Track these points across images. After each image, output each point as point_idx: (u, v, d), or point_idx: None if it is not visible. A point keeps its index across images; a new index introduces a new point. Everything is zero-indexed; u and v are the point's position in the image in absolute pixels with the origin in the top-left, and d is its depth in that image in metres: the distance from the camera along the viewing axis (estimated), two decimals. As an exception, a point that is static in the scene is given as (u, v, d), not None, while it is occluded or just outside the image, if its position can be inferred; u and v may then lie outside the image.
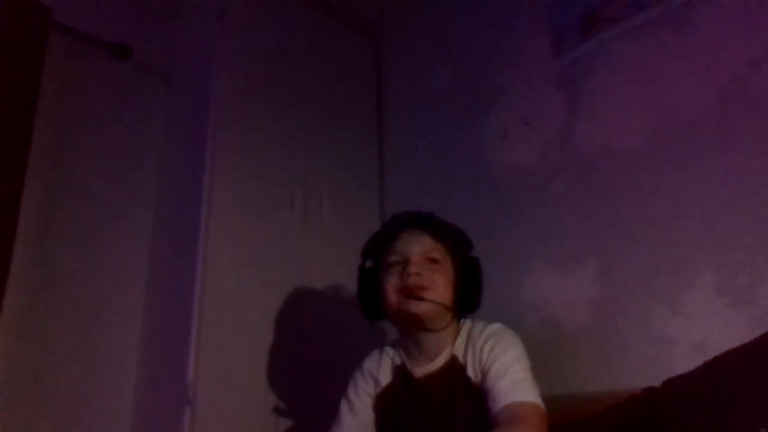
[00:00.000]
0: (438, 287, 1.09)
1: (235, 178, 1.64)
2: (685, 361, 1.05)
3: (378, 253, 1.18)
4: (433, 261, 1.12)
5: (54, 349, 1.55)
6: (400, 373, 1.15)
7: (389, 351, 1.20)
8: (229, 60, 1.72)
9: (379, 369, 1.18)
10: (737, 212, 1.23)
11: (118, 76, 1.81)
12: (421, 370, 1.13)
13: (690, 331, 1.25)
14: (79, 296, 1.62)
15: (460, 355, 1.11)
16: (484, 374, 1.05)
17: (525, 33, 1.74)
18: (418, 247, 1.12)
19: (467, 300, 1.13)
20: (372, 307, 1.17)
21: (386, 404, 1.15)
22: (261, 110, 1.75)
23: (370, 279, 1.18)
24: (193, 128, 1.74)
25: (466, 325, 1.15)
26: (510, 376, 1.01)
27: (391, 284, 1.11)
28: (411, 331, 1.14)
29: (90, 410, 1.57)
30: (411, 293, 1.08)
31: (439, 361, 1.12)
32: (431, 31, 2.08)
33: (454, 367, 1.10)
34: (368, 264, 1.20)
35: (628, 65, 1.48)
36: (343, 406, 1.18)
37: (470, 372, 1.08)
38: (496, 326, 1.12)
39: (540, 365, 1.07)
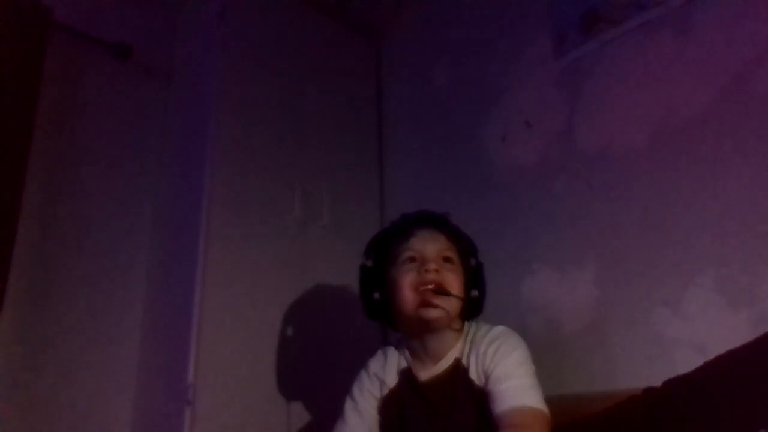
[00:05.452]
0: (454, 286, 1.09)
1: (235, 178, 1.64)
2: (685, 361, 1.05)
3: (386, 251, 1.16)
4: (448, 260, 1.12)
5: (54, 349, 1.55)
6: (405, 376, 1.15)
7: (394, 352, 1.20)
8: (229, 60, 1.72)
9: (385, 371, 1.18)
10: (737, 212, 1.23)
11: (118, 76, 1.81)
12: (426, 373, 1.12)
13: (690, 331, 1.25)
14: (79, 296, 1.61)
15: (464, 357, 1.10)
16: (487, 377, 1.04)
17: (526, 33, 1.74)
18: (435, 245, 1.12)
19: (475, 304, 1.13)
20: (378, 306, 1.15)
21: (391, 407, 1.15)
22: (261, 110, 1.75)
23: (376, 277, 1.16)
24: (193, 128, 1.75)
25: (471, 328, 1.14)
26: (514, 380, 1.00)
27: (408, 281, 1.09)
28: (419, 331, 1.12)
29: (90, 410, 1.57)
30: (438, 289, 1.06)
31: (444, 364, 1.11)
32: (432, 32, 2.08)
33: (458, 370, 1.10)
34: (371, 262, 1.18)
35: (628, 66, 1.48)
36: (348, 406, 1.18)
37: (473, 375, 1.07)
38: (501, 329, 1.11)
39: (540, 365, 1.07)
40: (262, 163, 1.71)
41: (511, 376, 1.01)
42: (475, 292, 1.14)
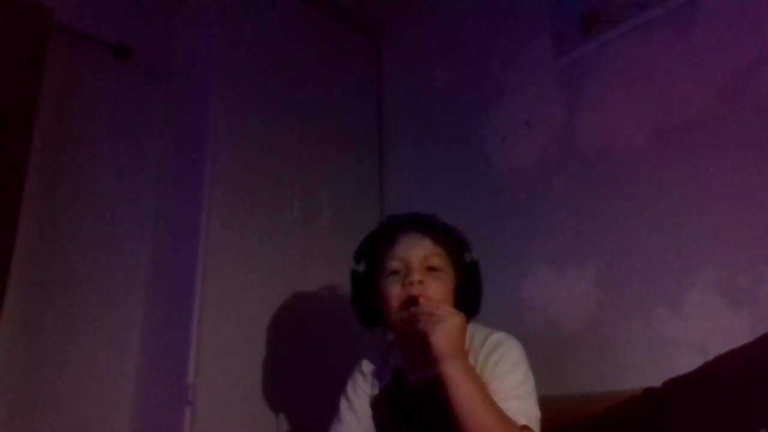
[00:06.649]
0: (439, 297, 1.05)
1: (235, 178, 1.64)
2: (685, 361, 1.05)
3: (374, 257, 1.14)
4: (434, 269, 1.08)
5: (54, 349, 1.55)
6: (397, 375, 1.14)
7: (388, 350, 1.20)
8: (229, 60, 1.72)
9: (378, 369, 1.18)
10: (738, 212, 1.23)
11: (118, 76, 1.81)
12: (417, 374, 1.12)
13: (690, 331, 1.25)
14: (79, 296, 1.61)
15: None
16: (486, 385, 1.03)
17: (526, 34, 1.74)
18: (419, 251, 1.08)
19: (469, 305, 1.11)
20: (369, 314, 1.14)
21: (382, 406, 1.14)
22: (261, 110, 1.75)
23: (366, 284, 1.14)
24: (193, 128, 1.75)
25: (468, 330, 1.13)
26: (515, 401, 0.98)
27: (394, 293, 1.07)
28: (410, 337, 1.12)
29: (90, 410, 1.57)
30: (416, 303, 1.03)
31: (434, 366, 1.10)
32: (432, 31, 2.08)
33: None
34: (361, 268, 1.16)
35: (628, 66, 1.48)
36: (343, 405, 1.18)
37: None
38: (501, 336, 1.08)
39: (540, 365, 1.07)
40: (262, 163, 1.71)
41: (511, 396, 0.98)
42: (469, 291, 1.12)
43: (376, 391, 1.16)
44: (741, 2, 1.31)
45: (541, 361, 1.09)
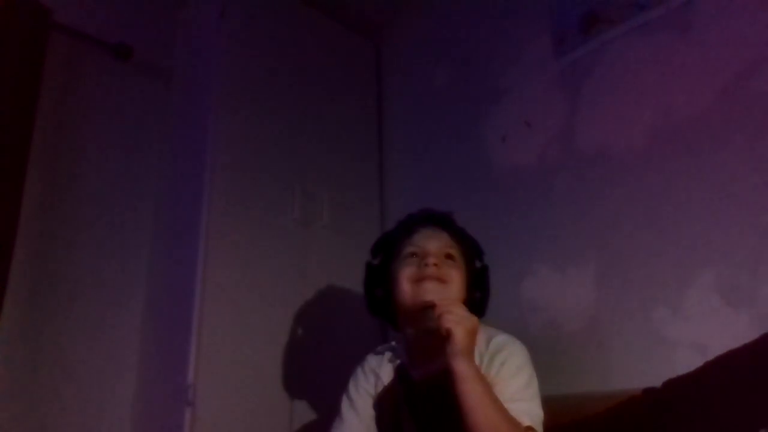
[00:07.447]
0: (454, 282, 1.09)
1: (235, 178, 1.64)
2: (685, 361, 1.05)
3: (391, 248, 1.18)
4: (450, 258, 1.12)
5: (54, 349, 1.55)
6: (401, 373, 1.15)
7: (392, 349, 1.20)
8: (229, 60, 1.72)
9: (381, 367, 1.18)
10: (738, 212, 1.23)
11: (118, 76, 1.81)
12: (422, 371, 1.12)
13: (690, 332, 1.25)
14: (79, 296, 1.61)
15: None
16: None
17: (526, 34, 1.74)
18: (438, 242, 1.13)
19: (476, 307, 1.13)
20: (380, 302, 1.17)
21: (385, 404, 1.15)
22: (261, 110, 1.75)
23: (379, 274, 1.18)
24: (193, 128, 1.75)
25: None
26: (519, 403, 0.99)
27: (406, 273, 1.10)
28: (417, 324, 1.12)
29: (90, 410, 1.57)
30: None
31: (440, 363, 1.11)
32: (432, 32, 2.08)
33: None
34: (377, 260, 1.20)
35: (628, 66, 1.48)
36: (345, 404, 1.18)
37: None
38: (505, 338, 1.09)
39: (540, 366, 1.07)
40: (262, 163, 1.71)
41: (516, 398, 1.00)
42: (477, 294, 1.14)
43: (378, 390, 1.16)
44: (740, 2, 1.31)
45: (542, 361, 1.09)
